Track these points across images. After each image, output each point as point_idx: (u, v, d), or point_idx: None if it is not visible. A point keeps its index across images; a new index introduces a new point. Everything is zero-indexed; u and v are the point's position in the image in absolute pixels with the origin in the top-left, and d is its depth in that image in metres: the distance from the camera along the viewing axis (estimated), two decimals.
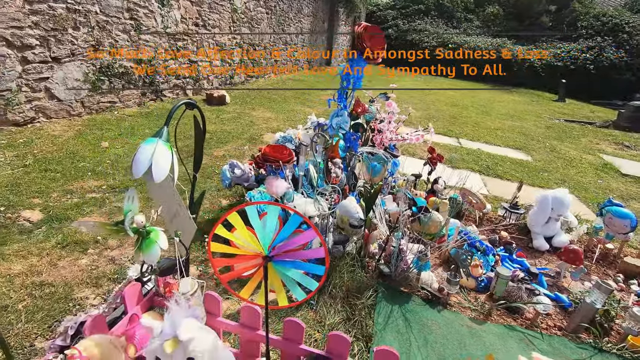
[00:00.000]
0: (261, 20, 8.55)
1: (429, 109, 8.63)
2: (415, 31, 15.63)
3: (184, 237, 1.23)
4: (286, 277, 1.20)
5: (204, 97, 6.52)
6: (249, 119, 5.58)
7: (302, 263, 1.19)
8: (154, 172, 0.89)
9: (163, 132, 1.01)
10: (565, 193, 3.05)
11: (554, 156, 5.99)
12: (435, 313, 2.06)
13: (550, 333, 2.09)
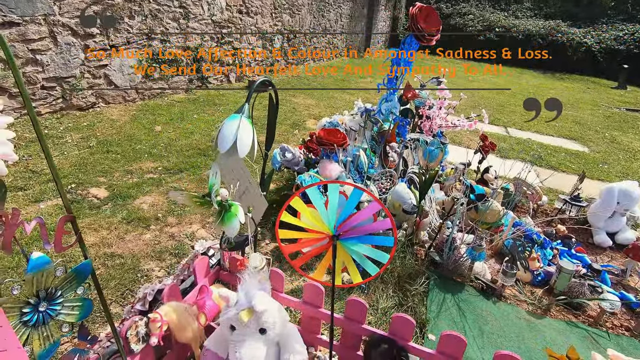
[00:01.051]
0: (302, 6, 8.50)
1: (474, 96, 8.24)
2: (459, 15, 14.87)
3: (255, 214, 1.27)
4: (356, 254, 1.21)
5: (246, 83, 6.64)
6: (290, 106, 5.62)
7: (370, 237, 1.19)
8: (238, 147, 0.92)
9: (245, 109, 1.04)
10: (635, 186, 2.82)
11: (615, 147, 5.54)
12: (490, 304, 2.00)
13: (617, 333, 1.97)
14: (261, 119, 4.68)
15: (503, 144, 5.09)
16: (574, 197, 2.90)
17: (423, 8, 2.64)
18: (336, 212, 1.17)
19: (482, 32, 14.00)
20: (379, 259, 1.22)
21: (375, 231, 1.18)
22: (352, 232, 1.19)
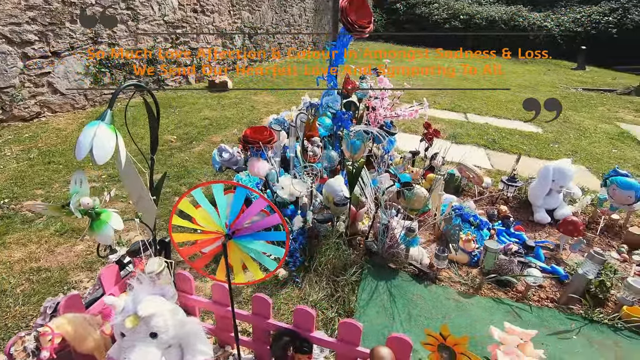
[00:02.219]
0: (261, 2, 8.40)
1: (438, 84, 8.38)
2: (424, 4, 15.02)
3: (147, 219, 1.26)
4: (252, 251, 1.22)
5: (206, 83, 6.54)
6: (249, 104, 5.58)
7: (263, 233, 1.20)
8: (95, 155, 0.91)
9: (106, 115, 1.02)
10: (568, 164, 2.94)
11: (567, 127, 5.74)
12: (422, 288, 2.06)
13: (542, 305, 2.06)
14: (222, 119, 4.61)
15: (460, 130, 5.21)
16: (511, 178, 3.00)
17: (353, 1, 2.65)
18: (225, 211, 1.18)
19: (446, 20, 14.20)
20: (275, 254, 1.24)
21: (266, 227, 1.20)
22: (245, 229, 1.20)
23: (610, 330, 1.86)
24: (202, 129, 4.31)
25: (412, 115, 3.08)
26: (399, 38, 14.98)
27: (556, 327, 1.86)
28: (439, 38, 14.19)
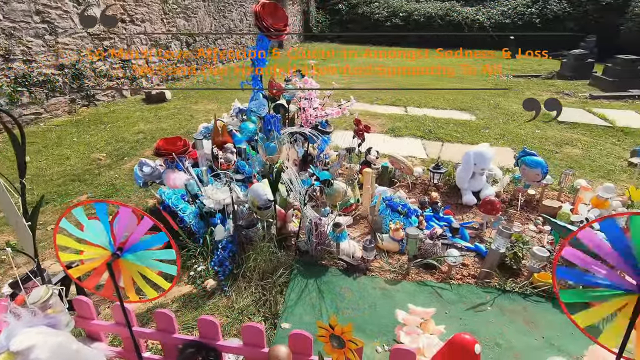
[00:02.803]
0: (197, 8, 8.21)
1: (378, 80, 8.64)
2: (365, 3, 15.43)
3: (25, 245, 1.19)
4: (149, 262, 1.18)
5: (143, 96, 6.28)
6: (189, 114, 5.43)
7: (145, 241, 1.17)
8: None
9: None
10: (486, 147, 3.14)
11: (497, 112, 6.15)
12: (351, 281, 2.11)
13: (463, 282, 2.19)
14: (157, 131, 4.39)
15: (399, 123, 5.40)
16: (436, 165, 3.16)
17: (266, 5, 2.67)
18: (110, 230, 1.14)
19: (387, 18, 14.68)
20: (168, 271, 1.22)
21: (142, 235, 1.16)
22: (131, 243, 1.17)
23: (520, 297, 2.01)
24: (134, 144, 4.13)
25: (338, 113, 3.15)
26: (344, 38, 15.28)
27: (473, 301, 1.99)
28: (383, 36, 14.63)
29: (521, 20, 14.12)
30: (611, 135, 5.21)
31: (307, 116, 3.23)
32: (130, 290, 1.21)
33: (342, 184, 2.19)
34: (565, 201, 3.19)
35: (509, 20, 14.24)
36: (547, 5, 13.90)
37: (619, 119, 5.74)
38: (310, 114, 3.22)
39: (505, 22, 14.31)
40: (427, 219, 2.82)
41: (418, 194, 3.31)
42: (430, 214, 2.87)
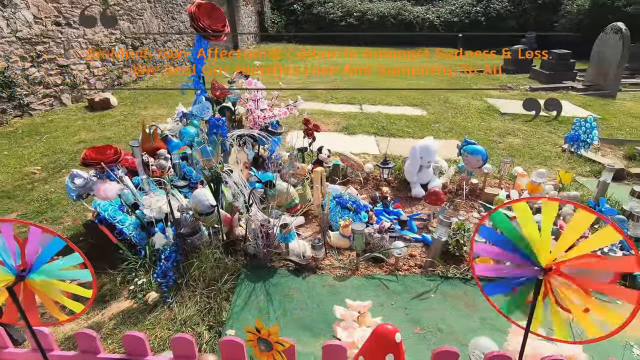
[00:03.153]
0: (142, 10, 7.86)
1: (335, 80, 8.72)
2: (319, 3, 15.53)
3: None
4: (61, 275, 1.10)
5: (85, 103, 5.91)
6: (136, 120, 5.18)
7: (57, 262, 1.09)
8: None
9: None
10: (430, 141, 3.26)
11: (446, 107, 6.41)
12: (300, 281, 2.10)
13: (410, 272, 2.25)
14: (100, 140, 4.10)
15: (353, 121, 5.48)
16: (384, 161, 3.24)
17: (202, 5, 2.60)
18: (10, 251, 1.05)
19: (342, 18, 14.87)
20: (83, 277, 1.14)
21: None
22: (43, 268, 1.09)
23: (461, 283, 2.10)
24: (74, 155, 3.87)
25: (286, 114, 3.14)
26: (300, 38, 15.29)
27: (418, 290, 2.05)
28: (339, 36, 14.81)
29: (468, 19, 14.84)
30: (548, 124, 5.61)
31: (254, 118, 3.19)
32: (53, 310, 1.12)
33: (284, 185, 2.17)
34: (505, 188, 3.38)
35: (457, 19, 14.93)
36: (491, 4, 14.72)
37: None
38: (258, 115, 3.18)
39: (454, 21, 14.99)
40: (377, 213, 2.87)
41: (370, 189, 3.37)
42: (380, 209, 2.93)
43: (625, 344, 1.78)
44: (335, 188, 3.01)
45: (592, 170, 3.95)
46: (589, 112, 6.14)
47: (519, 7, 14.39)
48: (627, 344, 1.78)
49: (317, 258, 2.27)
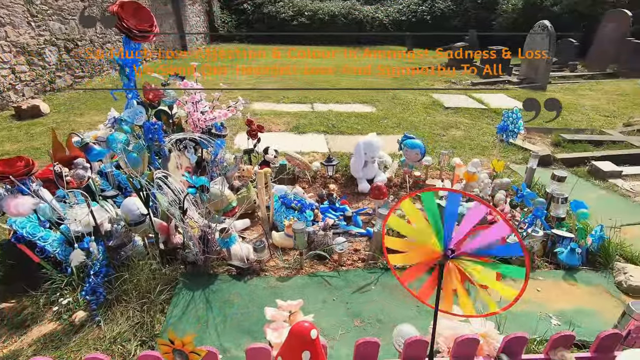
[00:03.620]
0: (75, 10, 7.33)
1: (286, 79, 8.69)
2: (270, 2, 15.38)
3: None
4: None
5: (12, 111, 5.41)
6: (70, 128, 4.83)
7: None
8: None
9: None
10: (373, 136, 3.34)
11: (395, 103, 6.61)
12: (242, 285, 2.07)
13: (354, 267, 2.29)
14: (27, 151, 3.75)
15: (303, 120, 5.49)
16: (328, 159, 3.28)
17: (125, 4, 2.46)
18: None
19: (293, 17, 14.84)
20: None
21: None
22: None
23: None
24: None
25: (226, 115, 3.07)
26: (253, 38, 15.06)
27: (359, 283, 2.09)
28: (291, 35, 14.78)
29: (415, 18, 15.41)
30: (486, 116, 5.97)
31: (194, 120, 3.08)
32: None
33: (217, 188, 2.12)
34: (446, 179, 3.55)
35: (405, 18, 15.45)
36: (435, 3, 15.39)
37: (492, 102, 6.61)
38: (198, 117, 3.08)
39: (402, 20, 15.50)
40: (323, 210, 2.90)
41: (318, 187, 3.39)
42: (326, 206, 2.96)
43: (545, 315, 1.94)
44: (281, 188, 2.99)
45: (523, 157, 4.25)
46: None
47: (461, 7, 15.17)
48: (546, 315, 1.94)
49: (261, 260, 2.24)
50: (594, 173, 3.74)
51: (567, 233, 2.42)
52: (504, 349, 1.20)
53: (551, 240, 2.45)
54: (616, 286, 2.18)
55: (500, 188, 3.18)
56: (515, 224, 2.56)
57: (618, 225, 2.63)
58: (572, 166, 4.01)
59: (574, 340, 1.23)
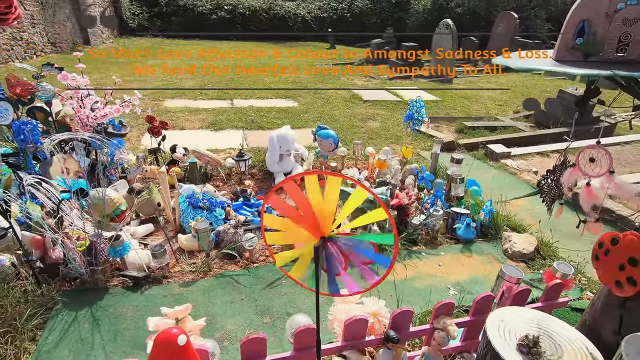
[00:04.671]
0: None
1: (207, 75, 8.27)
2: None
3: None
4: None
5: None
6: None
7: None
8: None
9: None
10: (287, 129, 3.29)
11: (316, 97, 6.67)
12: (137, 296, 1.87)
13: (266, 262, 2.22)
14: None
15: (221, 116, 5.24)
16: (239, 154, 3.16)
17: None
18: None
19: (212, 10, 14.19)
20: None
21: None
22: None
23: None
24: None
25: (119, 112, 2.77)
26: (169, 32, 14.06)
27: (270, 279, 2.03)
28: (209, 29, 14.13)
29: (335, 15, 15.77)
30: (401, 108, 6.32)
31: (82, 118, 2.73)
32: None
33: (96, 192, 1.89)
34: (362, 168, 3.66)
35: (326, 15, 15.73)
36: (354, 2, 15.92)
37: (406, 94, 7.03)
38: (87, 115, 2.73)
39: (323, 16, 15.74)
40: (237, 208, 2.78)
41: (233, 184, 3.25)
42: (240, 203, 2.84)
43: (444, 287, 2.08)
44: (189, 188, 2.80)
45: (431, 144, 4.57)
46: (433, 96, 7.15)
47: (378, 5, 15.92)
48: (445, 287, 2.08)
49: (163, 267, 2.05)
50: (488, 155, 4.17)
51: (464, 210, 2.64)
52: (392, 325, 1.24)
53: (451, 218, 2.65)
54: (503, 253, 2.43)
55: (409, 174, 3.36)
56: (419, 206, 2.72)
57: (506, 199, 2.95)
58: (472, 150, 4.42)
59: (454, 308, 1.31)
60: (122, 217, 2.09)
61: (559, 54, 0.93)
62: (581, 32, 0.85)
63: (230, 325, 1.72)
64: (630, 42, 0.80)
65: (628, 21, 0.79)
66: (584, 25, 0.85)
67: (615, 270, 1.04)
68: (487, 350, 1.10)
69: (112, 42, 12.62)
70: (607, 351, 1.07)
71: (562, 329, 1.15)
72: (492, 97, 7.33)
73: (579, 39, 0.86)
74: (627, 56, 0.82)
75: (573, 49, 0.88)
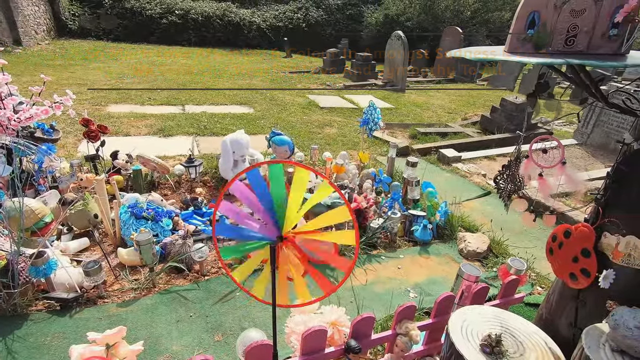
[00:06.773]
0: None
1: (157, 80, 7.85)
2: None
3: None
4: None
5: None
6: None
7: None
8: None
9: None
10: (241, 133, 3.15)
11: (272, 104, 6.56)
12: (66, 321, 1.62)
13: (219, 274, 2.06)
14: None
15: (170, 122, 4.95)
16: (188, 159, 2.97)
17: None
18: None
19: (162, 15, 13.61)
20: None
21: None
22: None
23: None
24: None
25: (46, 113, 2.47)
26: (115, 35, 13.24)
27: (222, 292, 1.87)
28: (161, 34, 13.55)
29: (291, 24, 15.85)
30: (357, 114, 6.40)
31: (2, 121, 2.39)
32: None
33: (11, 203, 1.64)
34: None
35: (282, 24, 15.74)
36: (309, 13, 16.12)
37: (362, 102, 7.15)
38: (8, 117, 2.39)
39: (279, 25, 15.74)
40: (186, 217, 2.58)
41: (183, 193, 3.03)
42: (189, 212, 2.64)
43: (404, 290, 2.05)
44: (132, 197, 2.55)
45: (387, 149, 4.65)
46: (387, 103, 7.34)
47: (332, 17, 16.26)
48: (405, 290, 2.05)
49: (98, 285, 1.81)
50: (441, 159, 4.31)
51: (420, 212, 2.66)
52: (353, 334, 1.16)
53: (408, 220, 2.66)
54: (459, 253, 2.47)
55: (367, 178, 3.35)
56: (377, 209, 2.70)
57: (459, 201, 3.03)
58: (425, 154, 4.55)
59: (416, 310, 1.27)
60: (46, 230, 1.82)
61: (511, 46, 0.93)
62: (532, 23, 0.86)
63: (176, 347, 1.54)
64: (577, 33, 0.81)
65: (575, 12, 0.81)
66: (534, 16, 0.85)
67: (569, 263, 1.05)
68: (451, 353, 1.05)
69: (47, 43, 11.60)
70: (564, 344, 1.07)
71: (521, 325, 1.14)
72: (443, 105, 7.69)
73: (530, 30, 0.86)
74: (575, 47, 0.83)
75: (525, 40, 0.88)
